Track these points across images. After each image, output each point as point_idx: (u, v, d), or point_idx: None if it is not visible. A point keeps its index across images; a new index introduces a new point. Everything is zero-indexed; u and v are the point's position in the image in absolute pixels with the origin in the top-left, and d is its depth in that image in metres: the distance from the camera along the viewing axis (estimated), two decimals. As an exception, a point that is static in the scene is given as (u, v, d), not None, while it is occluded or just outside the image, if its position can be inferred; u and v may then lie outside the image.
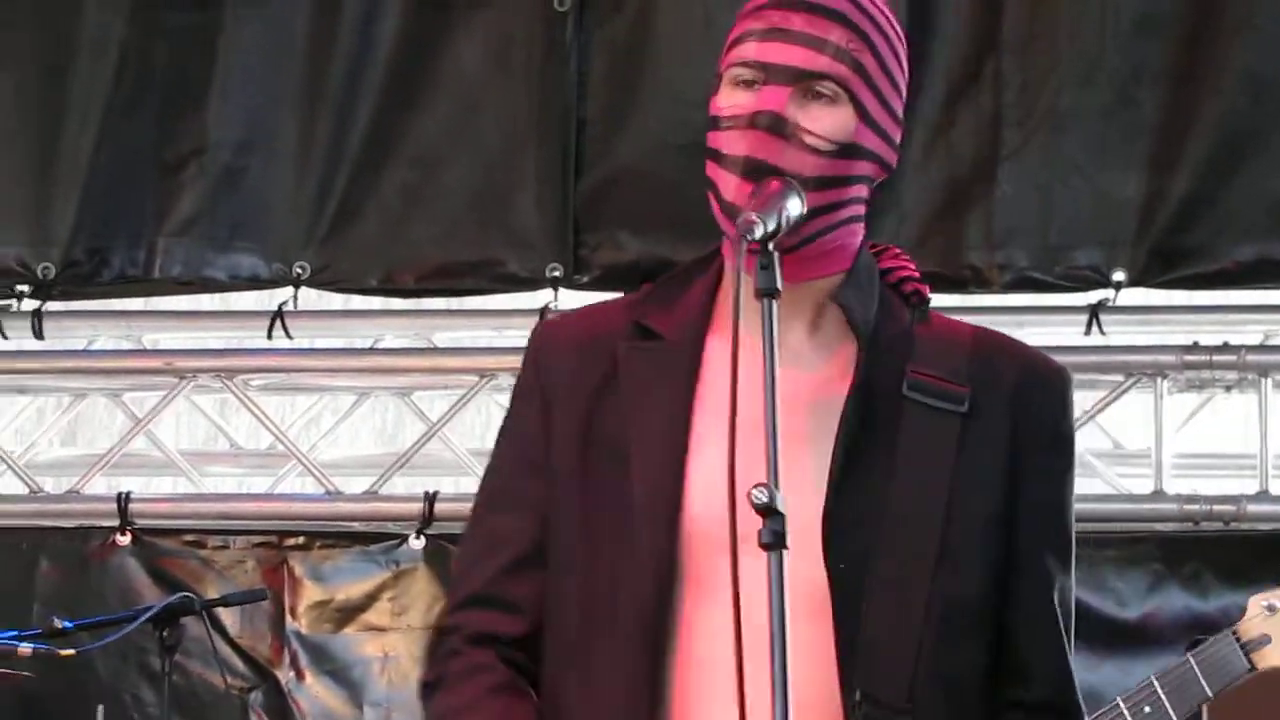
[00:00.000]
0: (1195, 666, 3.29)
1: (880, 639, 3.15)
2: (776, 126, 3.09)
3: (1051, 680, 3.26)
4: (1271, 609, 3.23)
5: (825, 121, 3.12)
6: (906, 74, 3.30)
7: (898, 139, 3.24)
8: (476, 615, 3.33)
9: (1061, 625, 3.23)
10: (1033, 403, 3.30)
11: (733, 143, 3.12)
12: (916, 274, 3.38)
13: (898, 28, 3.27)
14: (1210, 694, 3.31)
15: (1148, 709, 3.32)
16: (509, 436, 3.42)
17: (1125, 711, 3.33)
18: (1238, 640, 3.27)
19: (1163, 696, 3.31)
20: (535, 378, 3.37)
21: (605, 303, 3.64)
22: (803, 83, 3.10)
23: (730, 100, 3.14)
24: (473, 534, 3.48)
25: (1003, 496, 3.22)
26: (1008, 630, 3.23)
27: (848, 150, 3.15)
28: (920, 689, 3.14)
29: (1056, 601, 3.24)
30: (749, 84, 3.13)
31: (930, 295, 3.36)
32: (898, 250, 3.40)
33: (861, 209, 3.26)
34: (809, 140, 3.10)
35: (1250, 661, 3.25)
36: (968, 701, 3.17)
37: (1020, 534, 3.24)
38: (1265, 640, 3.21)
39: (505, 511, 3.36)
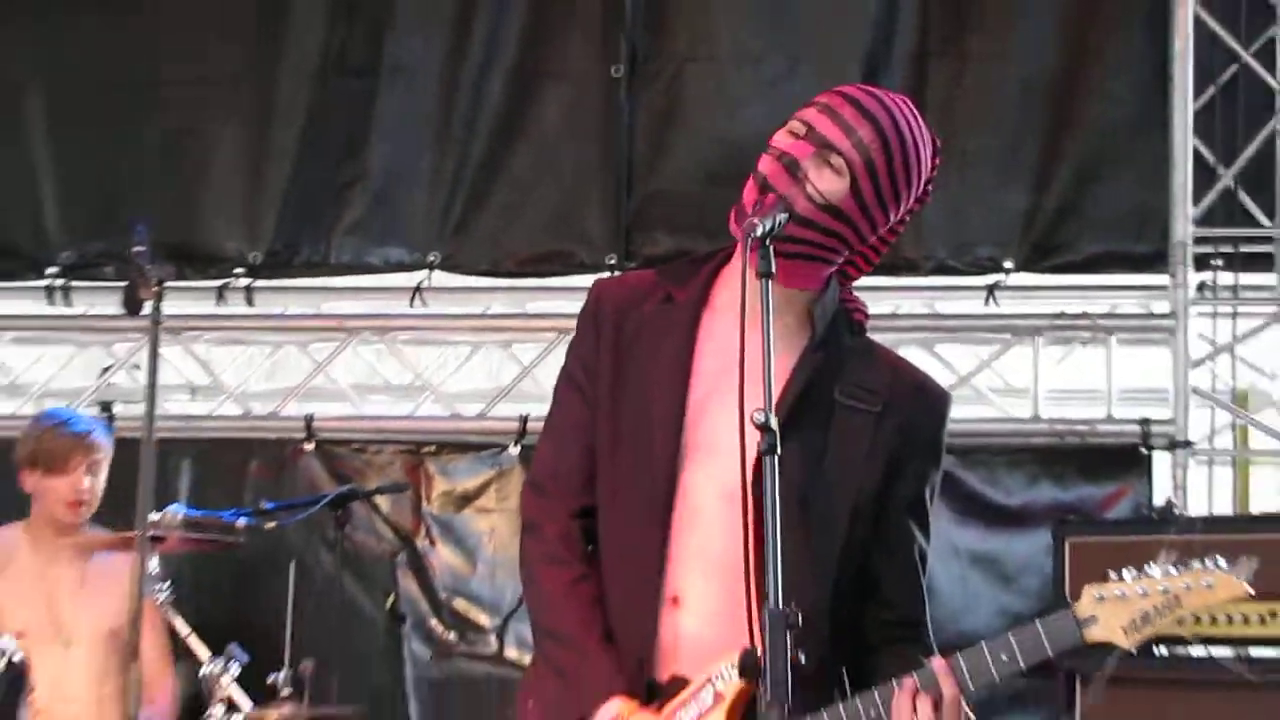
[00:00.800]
0: (1041, 631, 3.30)
1: (813, 560, 3.53)
2: (792, 167, 3.50)
3: (909, 606, 3.68)
4: (1100, 599, 3.27)
5: (825, 183, 3.50)
6: (917, 188, 3.61)
7: (881, 227, 3.60)
8: (551, 486, 3.80)
9: (919, 571, 3.65)
10: (918, 417, 3.70)
11: (764, 164, 3.54)
12: (864, 309, 3.78)
13: (924, 152, 3.59)
14: (1050, 653, 3.31)
15: (1004, 656, 3.32)
16: (570, 359, 3.86)
17: (987, 653, 3.34)
18: (1074, 617, 3.28)
19: (1015, 649, 3.32)
20: (594, 310, 3.80)
21: (643, 272, 4.06)
22: (824, 150, 3.49)
23: (780, 139, 3.57)
24: (548, 433, 3.91)
25: (883, 479, 3.61)
26: (881, 571, 3.63)
27: (831, 210, 3.51)
28: (820, 604, 3.51)
29: (916, 555, 3.66)
30: (795, 134, 3.55)
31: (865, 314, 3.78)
32: (853, 293, 3.78)
33: (833, 255, 3.61)
34: (808, 188, 3.49)
35: (1081, 635, 3.27)
36: (838, 621, 3.54)
37: (891, 509, 3.64)
38: (1093, 620, 3.26)
39: (568, 412, 3.83)
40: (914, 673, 3.32)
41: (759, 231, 3.30)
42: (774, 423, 3.14)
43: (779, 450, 3.14)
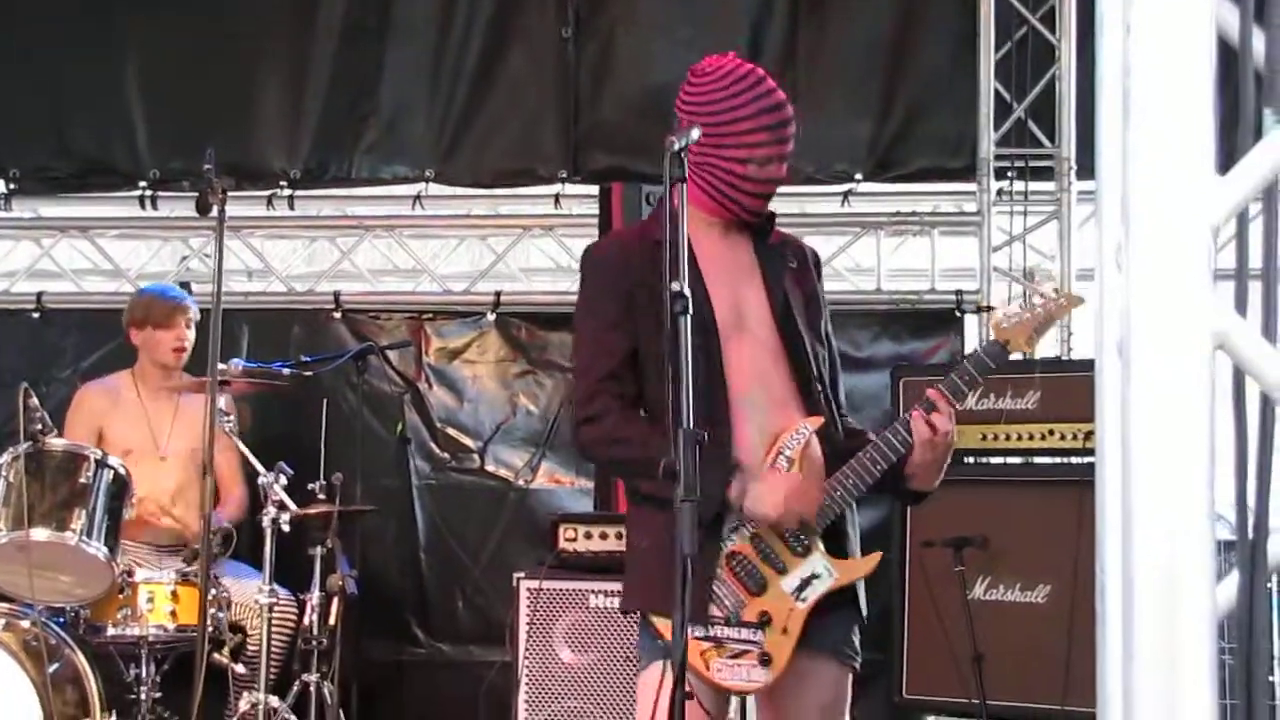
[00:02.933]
0: (982, 354, 3.57)
1: (806, 360, 3.72)
2: (776, 184, 3.71)
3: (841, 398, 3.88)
4: (1002, 326, 3.55)
5: (782, 172, 3.71)
6: None
7: None
8: (606, 385, 3.68)
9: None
10: (811, 260, 3.89)
11: (759, 189, 3.67)
12: (770, 212, 3.81)
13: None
14: (993, 366, 3.56)
15: (965, 377, 3.55)
16: (599, 301, 3.75)
17: (955, 378, 3.57)
18: (1000, 343, 3.55)
19: (970, 368, 3.57)
20: (608, 268, 3.78)
21: (631, 232, 4.16)
22: (782, 161, 3.67)
23: (761, 174, 3.64)
24: (590, 347, 3.77)
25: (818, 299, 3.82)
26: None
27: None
28: (818, 381, 3.72)
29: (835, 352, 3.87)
30: (763, 163, 3.63)
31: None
32: None
33: None
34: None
35: (1006, 351, 3.53)
36: (829, 398, 3.70)
37: (823, 320, 3.84)
38: (1009, 341, 3.52)
39: (611, 333, 3.69)
40: (917, 404, 3.57)
41: (675, 148, 3.29)
42: (687, 290, 3.16)
43: (690, 311, 3.17)
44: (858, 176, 7.46)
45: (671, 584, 3.33)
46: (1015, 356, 3.52)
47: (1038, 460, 6.12)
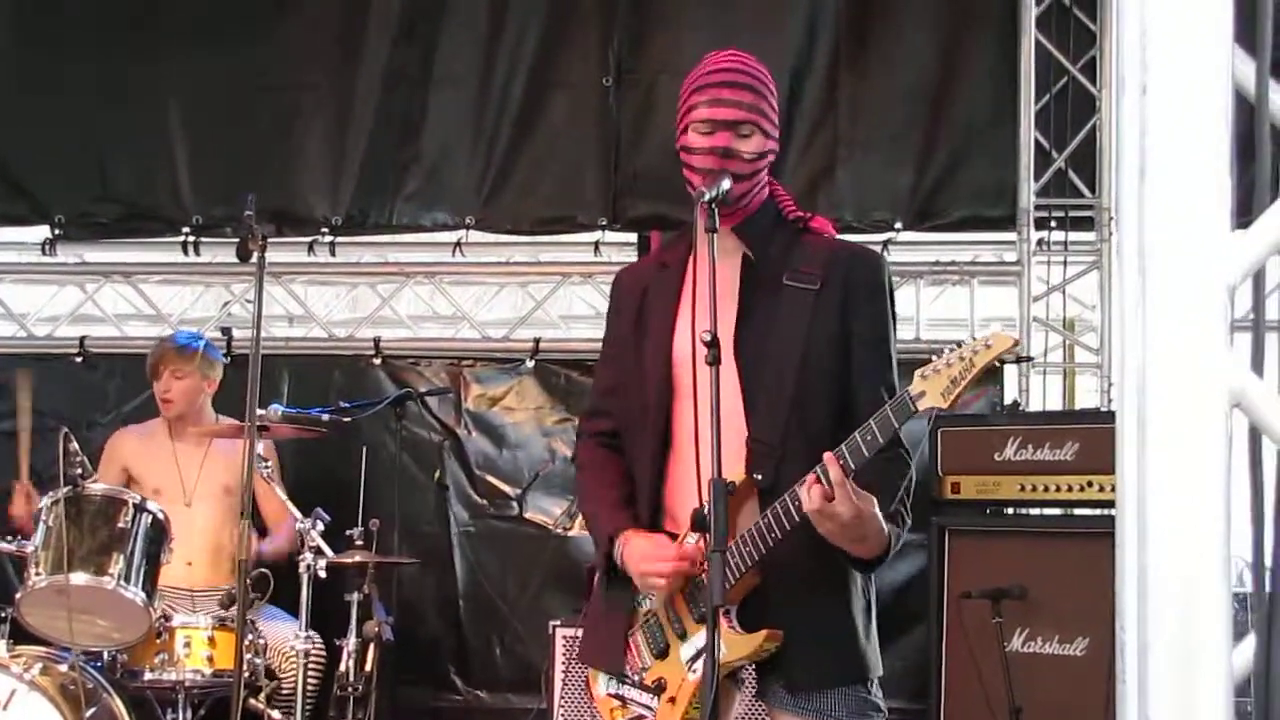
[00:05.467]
0: (889, 411, 3.19)
1: (766, 407, 3.47)
2: (726, 154, 3.46)
3: None
4: (924, 377, 3.18)
5: (748, 145, 3.50)
6: (778, 110, 3.60)
7: (778, 139, 3.58)
8: (592, 423, 3.84)
9: (884, 397, 3.35)
10: (858, 273, 3.54)
11: (704, 160, 3.47)
12: (797, 208, 3.63)
13: (774, 87, 3.59)
14: (896, 425, 3.21)
15: (869, 437, 3.17)
16: (607, 330, 3.83)
17: (858, 438, 3.20)
18: (908, 394, 3.17)
19: (875, 428, 3.18)
20: (616, 297, 3.82)
21: (648, 255, 4.51)
22: (734, 128, 3.48)
23: (698, 143, 3.49)
24: (595, 375, 4.00)
25: (838, 328, 3.48)
26: (854, 398, 3.46)
27: (760, 156, 3.52)
28: (788, 437, 3.43)
29: (882, 385, 3.48)
30: (707, 133, 3.49)
31: (807, 215, 3.64)
32: (784, 193, 3.67)
33: (765, 177, 3.58)
34: (745, 155, 3.48)
35: (915, 406, 3.18)
36: (820, 443, 3.28)
37: (856, 346, 3.50)
38: (922, 394, 3.16)
39: (603, 366, 3.86)
40: (815, 469, 3.24)
41: (706, 197, 3.30)
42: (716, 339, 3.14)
43: (720, 361, 3.14)
44: (897, 225, 7.41)
45: (594, 638, 3.67)
46: (926, 408, 3.20)
47: (1076, 512, 6.11)
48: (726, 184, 3.38)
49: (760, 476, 3.42)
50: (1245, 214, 1.65)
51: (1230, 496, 1.56)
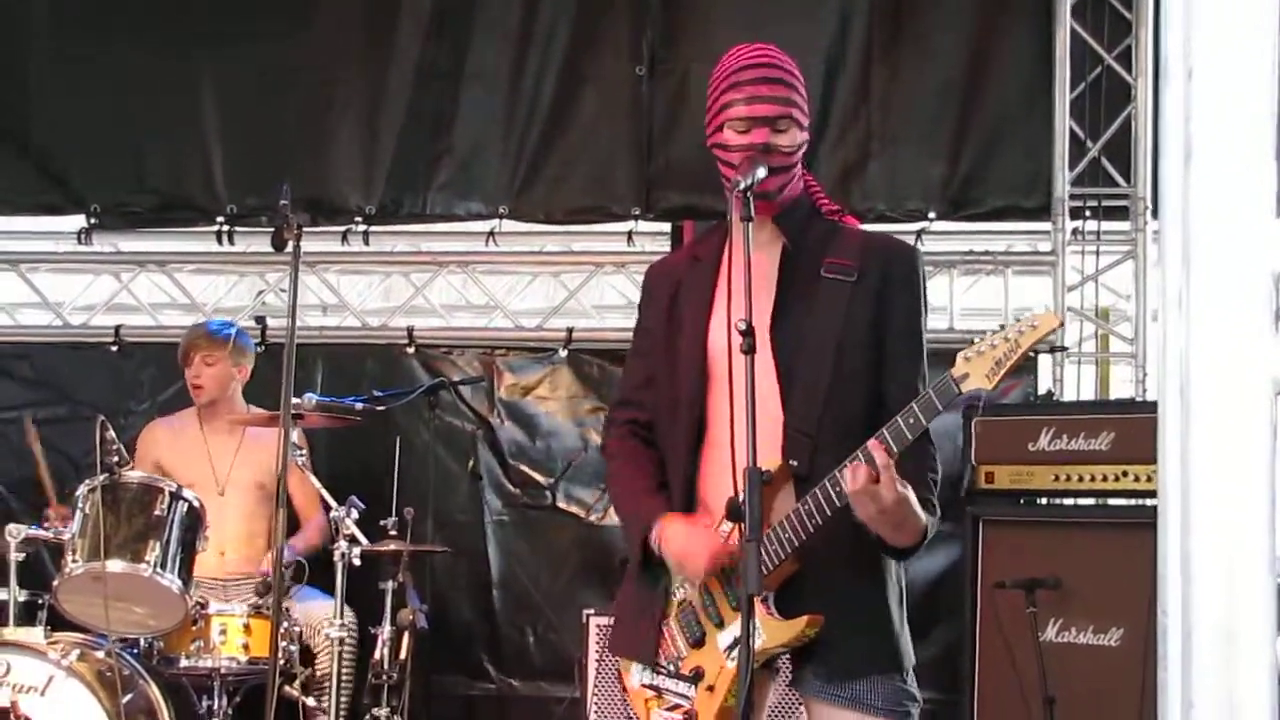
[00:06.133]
0: (932, 394, 3.16)
1: (802, 395, 3.45)
2: (766, 149, 3.45)
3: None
4: (967, 359, 3.16)
5: (785, 139, 3.50)
6: (810, 100, 3.59)
7: (809, 129, 3.57)
8: (622, 412, 3.82)
9: (916, 388, 3.36)
10: (892, 265, 3.54)
11: (743, 158, 3.44)
12: (830, 202, 3.65)
13: (803, 79, 3.58)
14: (940, 407, 3.18)
15: (911, 420, 3.15)
16: (638, 324, 3.83)
17: (900, 422, 3.16)
18: (952, 378, 3.16)
19: (918, 411, 3.16)
20: (646, 291, 3.82)
21: (681, 248, 4.50)
22: (772, 124, 3.49)
23: (736, 140, 3.49)
24: (625, 368, 3.96)
25: (873, 319, 3.47)
26: (885, 390, 3.46)
27: (797, 148, 3.53)
28: (823, 426, 3.42)
29: (914, 376, 3.49)
30: (744, 131, 3.49)
31: (839, 210, 3.65)
32: (819, 188, 3.67)
33: (800, 169, 3.58)
34: (784, 149, 3.49)
35: (958, 388, 3.15)
36: (853, 432, 3.30)
37: (889, 339, 3.49)
38: (965, 376, 3.13)
39: (634, 359, 3.84)
40: (857, 451, 3.22)
41: (741, 186, 3.29)
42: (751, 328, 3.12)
43: (755, 350, 3.12)
44: (931, 215, 7.42)
45: (627, 629, 3.68)
46: (970, 390, 3.17)
47: (1111, 502, 6.08)
48: (761, 172, 3.37)
49: (796, 464, 3.41)
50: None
51: (1275, 483, 1.55)
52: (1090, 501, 6.14)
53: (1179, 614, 1.59)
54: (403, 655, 5.96)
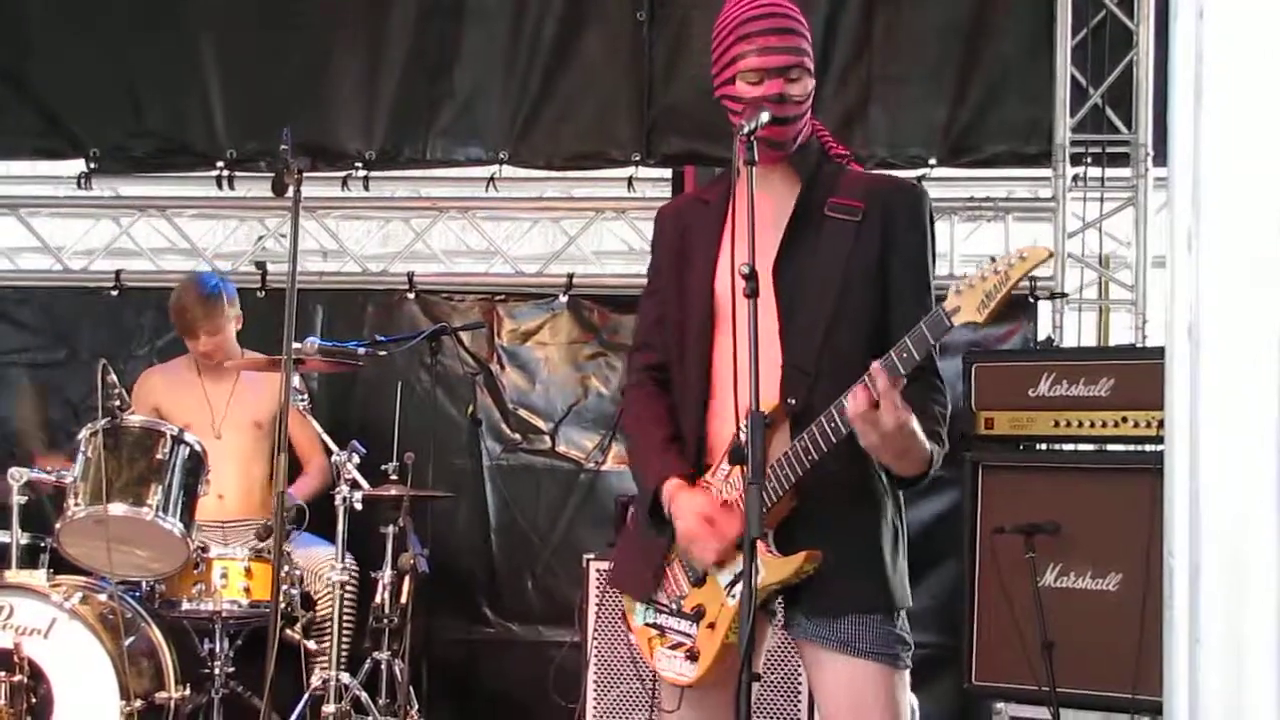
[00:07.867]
0: (924, 327, 3.11)
1: (800, 333, 3.49)
2: (780, 100, 3.47)
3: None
4: (958, 292, 3.11)
5: (797, 88, 3.51)
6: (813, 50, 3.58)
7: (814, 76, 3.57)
8: (640, 356, 3.85)
9: (920, 319, 3.21)
10: (897, 204, 3.56)
11: (756, 106, 3.44)
12: (837, 145, 3.69)
13: (809, 28, 3.58)
14: (932, 340, 3.12)
15: (905, 354, 3.11)
16: (650, 265, 3.87)
17: (894, 354, 3.13)
18: (943, 310, 3.09)
19: (910, 344, 3.11)
20: (657, 233, 3.84)
21: (688, 193, 4.24)
22: (784, 73, 3.50)
23: (749, 93, 3.49)
24: (640, 307, 3.94)
25: (878, 257, 3.49)
26: (891, 322, 3.44)
27: (808, 96, 3.54)
28: (821, 360, 3.46)
29: (919, 308, 3.36)
30: (756, 82, 3.50)
31: (847, 155, 3.70)
32: (826, 133, 3.70)
33: (809, 114, 3.60)
34: (796, 98, 3.50)
35: (950, 320, 3.09)
36: (854, 370, 3.25)
37: (894, 273, 3.50)
38: (957, 310, 3.07)
39: (647, 298, 3.86)
40: (862, 378, 3.21)
41: (745, 130, 3.30)
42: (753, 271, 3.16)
43: (758, 294, 3.15)
44: (932, 161, 7.36)
45: (629, 567, 3.74)
46: (962, 323, 3.11)
47: (1110, 448, 6.08)
48: (765, 116, 3.39)
49: (794, 401, 3.44)
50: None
51: (1282, 424, 1.55)
52: (1090, 447, 6.14)
53: (1185, 553, 1.59)
54: (403, 599, 5.97)
